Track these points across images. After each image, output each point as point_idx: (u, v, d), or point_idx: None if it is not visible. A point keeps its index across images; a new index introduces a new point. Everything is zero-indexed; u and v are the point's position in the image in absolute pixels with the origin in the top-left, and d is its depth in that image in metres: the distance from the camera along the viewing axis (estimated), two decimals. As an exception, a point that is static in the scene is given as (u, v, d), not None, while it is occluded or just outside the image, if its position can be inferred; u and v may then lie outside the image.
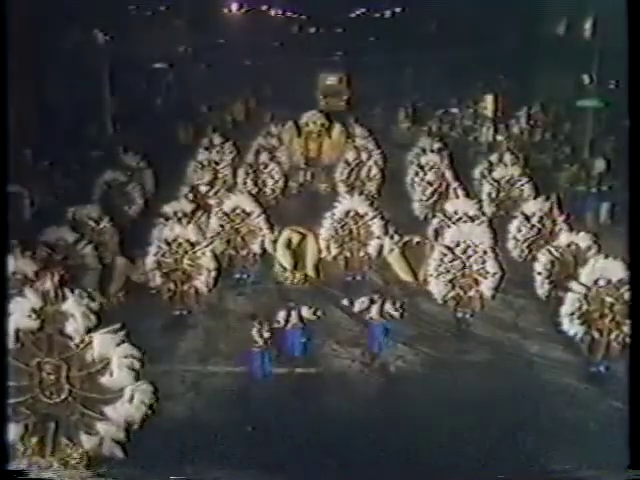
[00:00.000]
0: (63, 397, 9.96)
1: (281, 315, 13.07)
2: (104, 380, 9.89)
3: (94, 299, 10.31)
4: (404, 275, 15.88)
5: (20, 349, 9.70)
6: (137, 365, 9.89)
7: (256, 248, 16.78)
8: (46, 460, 10.00)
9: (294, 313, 13.13)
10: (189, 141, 27.01)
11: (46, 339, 9.77)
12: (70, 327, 9.71)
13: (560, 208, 16.91)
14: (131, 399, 9.90)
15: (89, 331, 9.76)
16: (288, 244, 16.29)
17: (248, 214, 16.82)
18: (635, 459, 8.85)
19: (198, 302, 15.06)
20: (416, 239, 15.88)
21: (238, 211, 16.81)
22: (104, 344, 9.79)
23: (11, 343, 9.59)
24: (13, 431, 9.80)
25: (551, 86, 28.14)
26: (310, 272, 16.28)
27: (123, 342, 9.83)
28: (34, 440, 9.97)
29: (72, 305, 9.71)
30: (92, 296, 10.46)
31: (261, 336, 12.71)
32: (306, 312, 13.23)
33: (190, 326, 14.88)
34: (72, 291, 9.87)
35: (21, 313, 9.63)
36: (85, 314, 9.73)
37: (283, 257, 16.24)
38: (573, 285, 12.86)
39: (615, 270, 12.57)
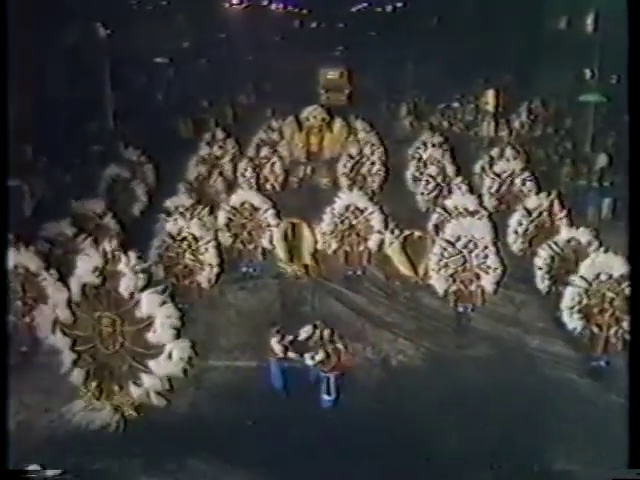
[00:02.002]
0: (117, 349, 11.16)
1: (305, 330, 12.32)
2: (149, 336, 11.00)
3: (145, 261, 11.66)
4: (404, 269, 15.87)
5: (85, 302, 10.93)
6: (177, 324, 10.97)
7: (265, 242, 16.80)
8: (101, 403, 11.39)
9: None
10: (190, 136, 26.99)
11: (106, 295, 10.96)
12: (123, 285, 10.85)
13: (561, 203, 16.89)
14: (170, 355, 10.99)
15: (139, 290, 10.90)
16: (285, 237, 16.31)
17: (256, 209, 16.85)
18: (635, 458, 8.85)
19: (200, 296, 15.07)
20: (417, 233, 15.86)
21: (246, 205, 16.82)
22: (150, 303, 10.92)
23: (77, 296, 10.87)
24: (77, 375, 11.23)
25: (552, 81, 28.05)
26: (308, 261, 16.28)
27: (166, 302, 10.93)
28: (93, 385, 11.34)
29: (124, 265, 10.86)
30: (143, 258, 11.59)
31: (281, 347, 12.19)
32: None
33: (191, 320, 14.88)
34: (125, 253, 10.97)
35: (86, 270, 10.88)
36: (135, 274, 10.89)
37: (281, 249, 16.26)
38: (574, 279, 12.86)
39: (616, 265, 12.57)
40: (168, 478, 10.51)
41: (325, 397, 11.86)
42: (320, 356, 11.68)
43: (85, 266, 10.94)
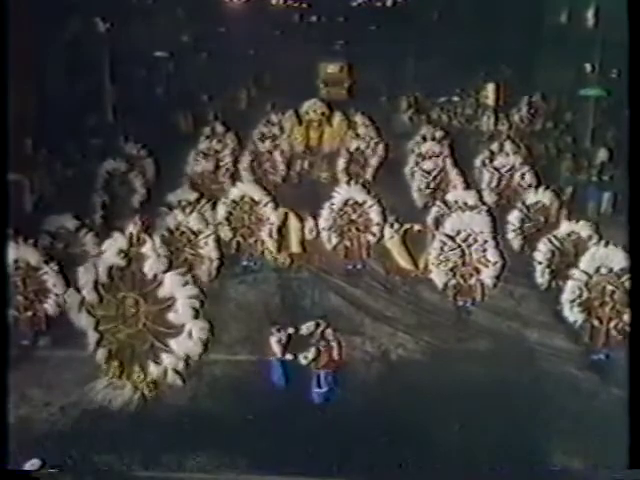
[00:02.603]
0: (139, 328, 11.63)
1: (307, 325, 12.17)
2: (170, 316, 11.51)
3: (168, 244, 12.54)
4: (404, 263, 15.88)
5: (110, 283, 11.44)
6: (197, 305, 11.52)
7: (265, 236, 16.78)
8: (122, 382, 11.77)
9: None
10: (190, 130, 26.94)
11: (130, 276, 11.49)
12: (147, 267, 11.39)
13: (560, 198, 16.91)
14: (190, 334, 11.46)
15: (162, 271, 11.46)
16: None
17: (256, 202, 16.83)
18: (635, 458, 8.86)
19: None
20: (417, 227, 15.87)
21: (246, 199, 16.81)
22: (173, 284, 11.46)
23: (104, 278, 11.38)
24: (100, 354, 11.60)
25: (553, 75, 28.00)
26: (295, 249, 16.29)
27: (187, 284, 11.50)
28: (115, 364, 11.71)
29: (149, 248, 11.39)
30: (166, 241, 12.45)
31: (281, 345, 12.06)
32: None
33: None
34: (150, 236, 11.56)
35: (112, 252, 11.39)
36: (159, 256, 11.45)
37: (269, 241, 16.32)
38: (574, 272, 12.87)
39: (617, 258, 12.58)
40: (168, 472, 10.53)
41: (316, 390, 11.83)
42: (312, 354, 11.65)
43: (111, 248, 11.46)
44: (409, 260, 15.79)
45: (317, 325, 12.08)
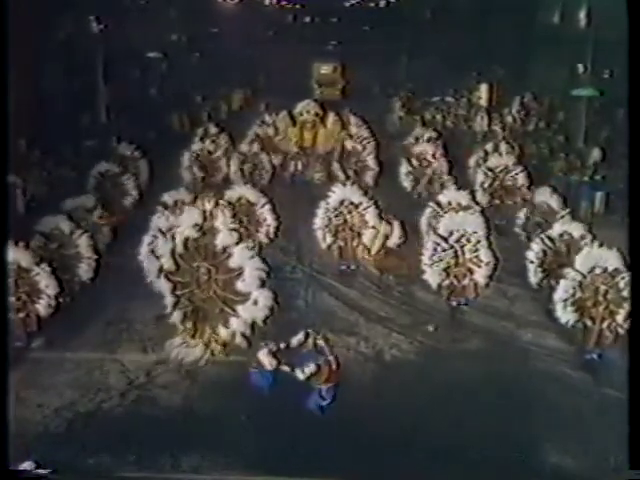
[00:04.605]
0: (210, 294, 12.78)
1: (297, 337, 11.99)
2: (239, 284, 12.63)
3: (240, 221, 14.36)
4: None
5: (186, 253, 12.61)
6: (263, 276, 12.63)
7: (261, 237, 16.79)
8: (195, 341, 12.93)
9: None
10: (183, 130, 26.96)
11: (204, 247, 12.63)
12: (219, 239, 12.53)
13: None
14: (256, 302, 12.54)
15: (232, 244, 12.58)
16: None
17: (252, 204, 16.86)
18: (635, 459, 8.88)
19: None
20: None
21: (242, 201, 16.81)
22: (241, 255, 12.59)
23: (180, 248, 12.56)
24: (176, 315, 12.76)
25: (545, 75, 28.12)
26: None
27: (254, 256, 12.65)
28: (189, 324, 12.90)
29: (221, 222, 12.56)
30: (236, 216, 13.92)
31: (272, 358, 11.78)
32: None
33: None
34: (222, 212, 12.70)
35: (188, 225, 12.56)
36: (230, 230, 12.61)
37: None
38: (568, 272, 12.89)
39: (610, 258, 12.60)
40: (162, 473, 10.52)
41: (320, 403, 11.69)
42: (311, 369, 11.59)
43: (187, 222, 12.62)
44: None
45: (307, 335, 12.02)
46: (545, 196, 16.99)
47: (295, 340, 12.04)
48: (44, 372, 12.87)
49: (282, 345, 11.98)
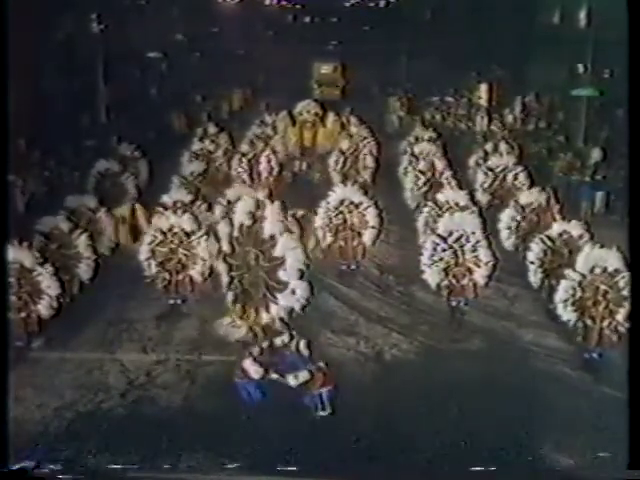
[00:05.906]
0: (256, 279, 13.42)
1: (282, 338, 12.23)
2: (280, 273, 13.33)
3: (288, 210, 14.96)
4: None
5: (239, 238, 13.38)
6: (303, 267, 13.40)
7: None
8: (241, 322, 13.61)
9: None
10: (183, 130, 26.96)
11: (254, 234, 13.40)
12: (267, 228, 13.30)
13: (556, 198, 16.92)
14: (294, 292, 13.32)
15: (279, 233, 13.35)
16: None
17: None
18: (635, 459, 8.88)
19: (193, 291, 15.07)
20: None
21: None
22: (285, 245, 13.32)
23: (237, 232, 13.39)
24: (229, 296, 13.59)
25: (545, 75, 28.13)
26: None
27: (297, 248, 13.47)
28: (238, 306, 13.64)
29: (269, 212, 13.37)
30: (285, 207, 14.60)
31: (257, 367, 11.72)
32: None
33: (185, 315, 14.90)
34: (271, 201, 13.68)
35: (242, 212, 13.42)
36: (277, 220, 13.44)
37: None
38: (568, 272, 12.88)
39: (610, 258, 12.59)
40: (162, 473, 10.52)
41: (321, 413, 11.59)
42: (304, 376, 11.57)
43: (243, 209, 13.44)
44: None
45: (291, 337, 12.09)
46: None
47: (279, 340, 12.22)
48: (44, 372, 12.88)
49: (265, 344, 12.12)
